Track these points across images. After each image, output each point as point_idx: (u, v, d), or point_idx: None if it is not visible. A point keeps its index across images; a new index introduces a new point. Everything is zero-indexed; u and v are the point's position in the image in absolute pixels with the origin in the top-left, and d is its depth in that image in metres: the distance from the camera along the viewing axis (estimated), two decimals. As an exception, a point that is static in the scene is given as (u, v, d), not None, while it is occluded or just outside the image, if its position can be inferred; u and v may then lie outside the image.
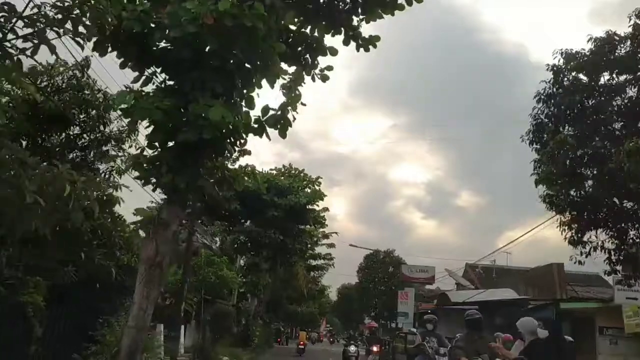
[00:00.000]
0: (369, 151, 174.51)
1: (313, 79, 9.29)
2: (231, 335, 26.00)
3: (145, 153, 8.05)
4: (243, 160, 26.73)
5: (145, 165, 7.62)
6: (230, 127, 7.68)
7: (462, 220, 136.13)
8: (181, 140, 7.36)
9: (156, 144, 7.82)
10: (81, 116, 9.85)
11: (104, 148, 10.15)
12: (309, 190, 25.44)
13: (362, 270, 44.15)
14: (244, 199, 24.69)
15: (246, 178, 8.13)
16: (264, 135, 8.11)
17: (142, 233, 7.94)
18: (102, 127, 10.02)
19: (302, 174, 26.10)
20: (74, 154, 10.86)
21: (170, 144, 7.70)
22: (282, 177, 25.24)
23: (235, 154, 8.35)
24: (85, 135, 10.25)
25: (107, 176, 11.22)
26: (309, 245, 27.48)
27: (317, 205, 25.79)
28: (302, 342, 34.10)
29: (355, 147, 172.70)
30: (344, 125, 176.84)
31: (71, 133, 10.31)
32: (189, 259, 16.01)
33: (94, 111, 9.65)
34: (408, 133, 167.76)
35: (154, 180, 7.81)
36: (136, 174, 8.01)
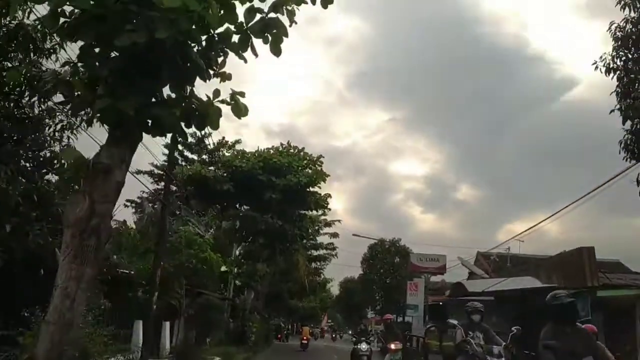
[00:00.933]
0: (367, 145, 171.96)
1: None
2: (224, 332, 23.64)
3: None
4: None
5: (74, 85, 5.14)
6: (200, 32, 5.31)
7: (461, 214, 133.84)
8: (124, 45, 4.90)
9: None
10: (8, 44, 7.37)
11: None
12: (309, 171, 23.01)
13: (367, 261, 41.73)
14: (237, 180, 22.29)
15: (223, 107, 5.58)
16: (249, 49, 5.70)
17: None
18: (37, 59, 7.54)
19: (301, 153, 23.63)
20: (8, 104, 8.42)
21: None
22: (280, 156, 22.80)
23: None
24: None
25: (55, 133, 8.80)
26: (311, 232, 24.96)
27: (319, 187, 23.41)
28: (305, 337, 35.22)
29: (354, 141, 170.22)
30: (342, 120, 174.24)
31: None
32: (163, 237, 13.42)
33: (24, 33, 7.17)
34: (406, 127, 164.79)
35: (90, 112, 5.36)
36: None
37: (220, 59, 5.90)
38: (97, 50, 5.23)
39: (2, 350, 6.52)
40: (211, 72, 5.90)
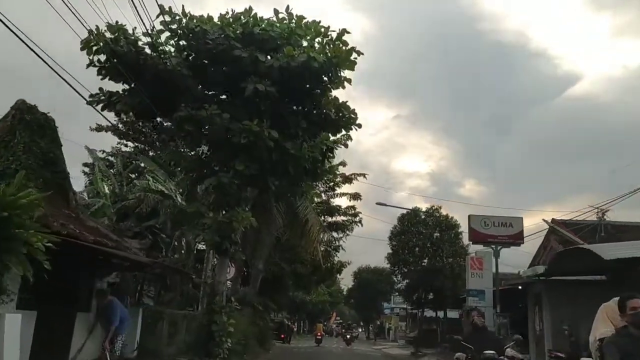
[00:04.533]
0: (372, 143, 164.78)
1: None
2: (194, 334, 13.88)
3: None
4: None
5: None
6: None
7: (466, 210, 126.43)
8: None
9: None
10: None
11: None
12: (327, 50, 13.04)
13: (396, 236, 31.62)
14: (196, 56, 12.39)
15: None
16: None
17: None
18: None
19: (312, 27, 13.56)
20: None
21: None
22: (273, 26, 12.84)
23: None
24: None
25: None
26: (330, 156, 14.27)
27: (341, 85, 13.34)
28: (319, 333, 40.03)
29: (359, 139, 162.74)
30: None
31: None
32: None
33: None
34: (411, 123, 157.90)
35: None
36: None
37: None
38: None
39: None
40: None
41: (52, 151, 10.24)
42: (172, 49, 12.28)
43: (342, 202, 26.05)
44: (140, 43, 11.90)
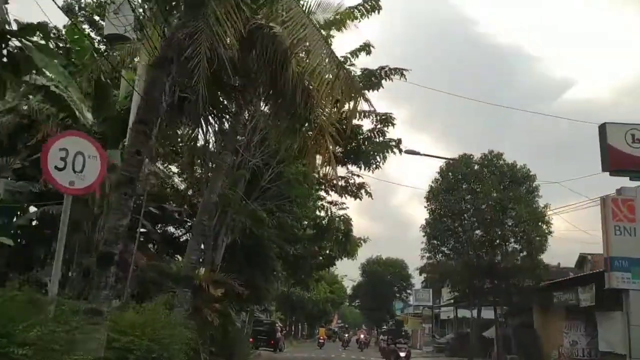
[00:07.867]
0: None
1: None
2: None
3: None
4: None
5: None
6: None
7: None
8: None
9: None
10: None
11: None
12: None
13: (439, 194, 21.34)
14: None
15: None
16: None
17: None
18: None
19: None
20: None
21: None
22: None
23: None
24: None
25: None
26: None
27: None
28: (322, 337, 42.05)
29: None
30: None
31: None
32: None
33: None
34: (410, 125, 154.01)
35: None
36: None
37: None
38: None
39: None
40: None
41: None
42: None
43: (364, 124, 16.22)
44: None
